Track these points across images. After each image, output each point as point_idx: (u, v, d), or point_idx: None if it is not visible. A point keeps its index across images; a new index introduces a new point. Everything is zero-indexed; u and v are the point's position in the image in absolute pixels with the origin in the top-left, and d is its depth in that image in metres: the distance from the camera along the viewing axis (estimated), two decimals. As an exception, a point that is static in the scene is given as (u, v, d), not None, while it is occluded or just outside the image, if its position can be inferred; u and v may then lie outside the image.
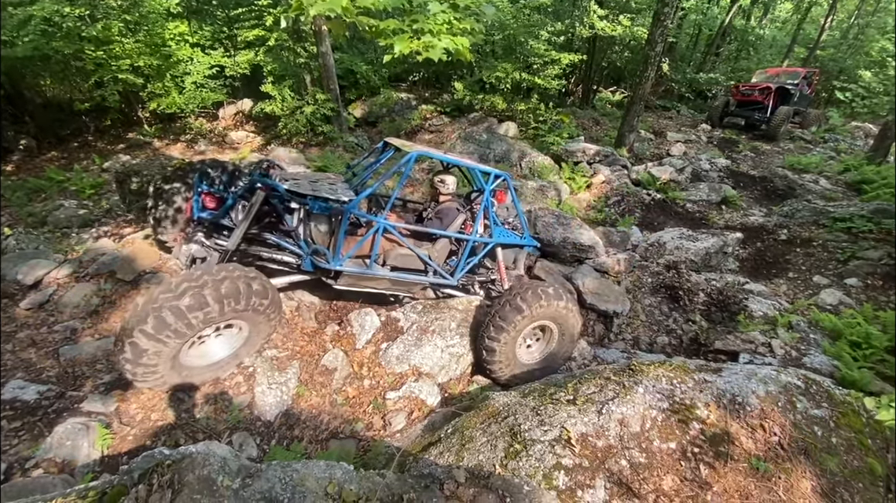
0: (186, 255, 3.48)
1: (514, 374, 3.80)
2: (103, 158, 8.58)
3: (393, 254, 3.78)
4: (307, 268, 3.52)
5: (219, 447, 1.44)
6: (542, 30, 9.67)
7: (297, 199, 3.44)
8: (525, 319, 3.60)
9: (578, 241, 5.21)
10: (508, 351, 3.69)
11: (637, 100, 9.32)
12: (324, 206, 3.51)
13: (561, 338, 3.92)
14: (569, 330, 3.88)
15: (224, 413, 3.14)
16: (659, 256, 5.73)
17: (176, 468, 1.31)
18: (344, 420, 3.31)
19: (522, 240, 4.37)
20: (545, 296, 3.67)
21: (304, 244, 3.50)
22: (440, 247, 4.00)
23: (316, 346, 3.82)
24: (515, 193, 4.39)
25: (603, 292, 4.84)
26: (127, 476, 1.36)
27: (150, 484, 1.29)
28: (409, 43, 2.74)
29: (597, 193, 7.93)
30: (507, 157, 8.26)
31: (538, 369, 3.90)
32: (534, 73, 9.90)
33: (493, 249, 4.16)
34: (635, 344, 4.68)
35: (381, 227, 3.54)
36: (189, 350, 3.02)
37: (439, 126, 10.55)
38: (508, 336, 3.60)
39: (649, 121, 13.04)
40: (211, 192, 3.63)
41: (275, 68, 10.22)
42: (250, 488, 1.31)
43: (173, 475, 1.29)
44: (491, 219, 4.06)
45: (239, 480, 1.33)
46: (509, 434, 2.53)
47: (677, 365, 2.85)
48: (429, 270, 3.89)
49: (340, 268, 3.47)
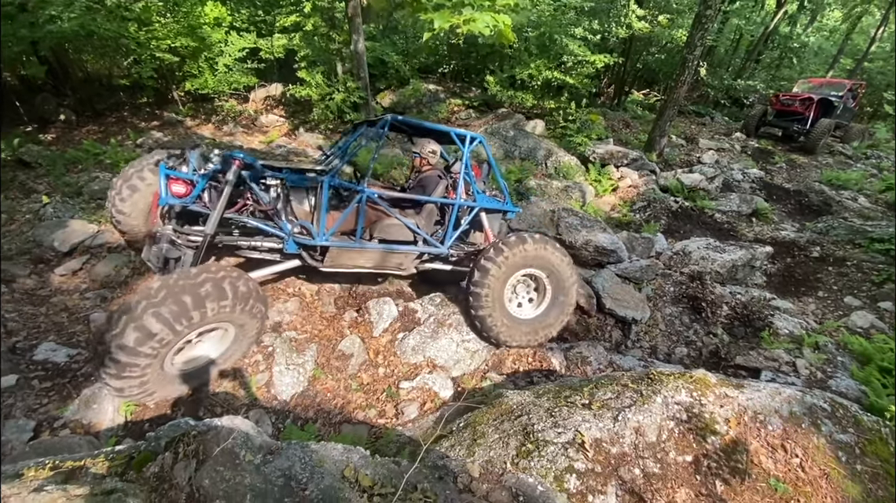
0: (157, 257, 3.12)
1: (507, 332, 3.79)
2: (137, 134, 8.81)
3: (380, 226, 3.69)
4: (291, 249, 3.37)
5: (242, 422, 1.48)
6: (577, 28, 9.49)
7: (273, 174, 3.32)
8: (507, 262, 3.60)
9: (601, 244, 5.13)
10: (497, 302, 3.69)
11: (670, 104, 9.09)
12: (302, 178, 3.40)
13: (556, 293, 3.92)
14: (562, 282, 3.87)
15: (242, 389, 3.22)
16: (683, 266, 5.60)
17: (201, 439, 1.34)
18: (357, 405, 3.35)
19: (504, 205, 4.27)
20: (529, 240, 3.68)
21: (285, 224, 3.35)
22: (426, 214, 3.95)
23: (334, 331, 3.88)
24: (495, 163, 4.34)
25: (623, 298, 4.77)
26: (154, 443, 1.40)
27: (176, 452, 1.33)
28: (449, 17, 2.68)
29: (622, 197, 7.79)
30: (533, 154, 8.17)
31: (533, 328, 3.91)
32: (566, 71, 9.75)
33: (477, 215, 4.07)
34: (653, 353, 4.61)
35: (364, 195, 3.43)
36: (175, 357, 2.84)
37: (466, 120, 10.49)
38: (494, 278, 3.60)
39: (681, 126, 12.71)
40: (179, 177, 3.26)
41: (308, 54, 10.30)
42: (271, 465, 1.34)
43: (198, 446, 1.33)
44: (472, 183, 3.96)
45: (260, 456, 1.36)
46: (522, 433, 2.52)
47: (698, 377, 2.79)
48: (417, 240, 3.81)
49: (326, 244, 3.35)
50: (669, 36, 11.42)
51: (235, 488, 1.25)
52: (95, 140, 8.27)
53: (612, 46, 12.58)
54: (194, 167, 3.27)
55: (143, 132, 8.96)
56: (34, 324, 3.77)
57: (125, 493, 1.24)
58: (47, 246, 4.70)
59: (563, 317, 4.04)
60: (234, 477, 1.27)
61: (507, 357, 4.00)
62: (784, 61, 19.30)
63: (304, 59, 10.40)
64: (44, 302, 4.01)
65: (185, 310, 2.55)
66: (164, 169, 3.24)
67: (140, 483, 1.28)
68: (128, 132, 8.90)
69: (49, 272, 4.39)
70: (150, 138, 8.47)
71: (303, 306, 3.99)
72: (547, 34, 9.58)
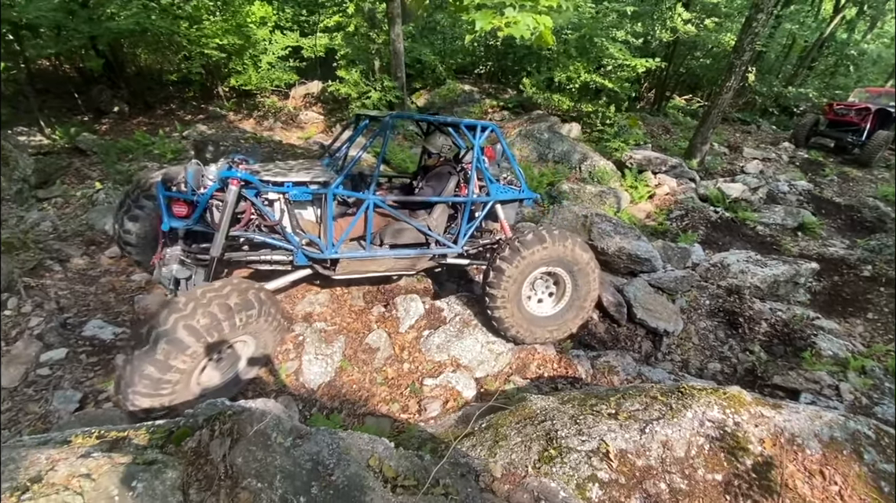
0: (168, 278, 3.08)
1: (526, 330, 3.68)
2: (184, 126, 9.22)
3: (389, 231, 3.58)
4: (301, 262, 3.31)
5: (274, 405, 1.53)
6: (619, 31, 9.29)
7: (274, 189, 3.20)
8: (524, 262, 3.44)
9: (634, 252, 5.01)
10: (513, 301, 3.56)
11: (714, 110, 8.77)
12: (305, 192, 3.25)
13: (576, 289, 3.76)
14: (583, 279, 3.72)
15: (272, 376, 3.32)
16: (721, 278, 5.39)
17: (236, 419, 1.40)
18: (381, 399, 3.40)
19: (521, 193, 4.07)
20: (547, 239, 3.47)
21: (293, 236, 3.25)
22: (437, 214, 3.80)
23: (362, 325, 3.95)
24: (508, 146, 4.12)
25: (655, 308, 4.64)
26: (192, 419, 1.47)
27: (213, 430, 1.39)
28: (491, 19, 2.66)
29: (659, 205, 7.57)
30: (568, 158, 8.06)
31: (553, 325, 3.79)
32: (605, 75, 9.56)
33: (493, 208, 3.90)
34: (684, 366, 4.46)
35: (370, 203, 3.31)
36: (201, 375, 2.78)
37: (500, 121, 10.46)
38: (510, 279, 3.45)
39: (725, 134, 12.24)
40: (178, 198, 3.16)
41: (348, 53, 10.52)
42: (300, 448, 1.38)
43: (233, 425, 1.39)
44: (485, 175, 3.79)
45: (290, 439, 1.40)
46: (545, 438, 2.50)
47: (732, 394, 2.69)
48: (430, 242, 3.70)
49: (335, 256, 3.28)
50: (716, 40, 11.00)
51: (266, 468, 1.30)
52: (145, 131, 8.72)
53: (655, 50, 12.25)
54: (192, 187, 3.15)
55: (189, 125, 9.37)
56: (84, 303, 4.01)
57: (164, 465, 1.31)
58: (99, 229, 4.99)
59: (583, 314, 3.94)
60: (265, 457, 1.32)
61: (531, 361, 3.97)
62: (840, 69, 18.26)
63: (344, 57, 10.62)
64: (93, 282, 4.26)
65: (217, 322, 2.51)
66: (161, 191, 3.13)
67: (178, 456, 1.35)
68: (175, 124, 9.32)
69: (99, 254, 4.66)
70: (196, 131, 8.84)
71: (333, 299, 4.08)
72: (587, 37, 9.43)
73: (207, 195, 3.08)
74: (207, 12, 8.86)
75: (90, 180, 6.68)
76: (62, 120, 9.03)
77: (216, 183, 3.07)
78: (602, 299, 4.63)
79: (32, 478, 1.29)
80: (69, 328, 3.70)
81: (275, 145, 8.47)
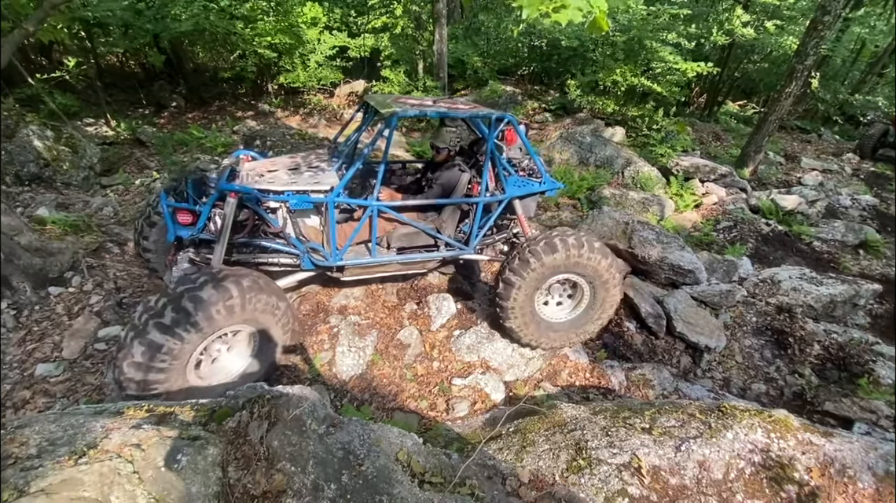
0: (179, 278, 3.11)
1: (541, 337, 3.56)
2: (235, 122, 9.65)
3: (396, 234, 3.48)
4: (307, 266, 3.30)
5: (311, 393, 1.58)
6: (670, 33, 8.95)
7: (274, 198, 3.13)
8: (535, 274, 3.27)
9: (677, 263, 4.82)
10: (525, 311, 3.41)
11: (771, 116, 8.29)
12: (305, 200, 3.15)
13: (595, 296, 3.58)
14: (602, 285, 3.51)
15: (306, 364, 3.42)
16: (770, 295, 5.10)
17: (274, 403, 1.46)
18: (410, 395, 3.43)
19: (542, 185, 3.80)
20: (560, 248, 3.26)
21: (298, 242, 3.23)
22: (447, 216, 3.63)
23: (394, 320, 4.00)
24: (526, 137, 3.82)
25: (696, 322, 4.44)
26: (233, 401, 1.54)
27: (252, 412, 1.45)
28: (539, 5, 2.52)
29: (705, 215, 7.24)
30: (611, 162, 7.85)
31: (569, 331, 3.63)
32: (654, 78, 9.24)
33: (509, 204, 3.68)
34: (726, 385, 4.25)
35: (374, 209, 3.21)
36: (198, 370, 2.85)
37: (541, 123, 10.32)
38: (520, 291, 3.30)
39: (782, 142, 11.56)
40: (182, 207, 3.20)
41: (392, 53, 10.69)
42: (333, 436, 1.42)
43: (271, 409, 1.44)
44: (500, 170, 3.56)
45: (324, 427, 1.45)
46: (574, 447, 2.44)
47: (778, 418, 2.53)
48: (439, 244, 3.58)
49: (340, 264, 3.25)
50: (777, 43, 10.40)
51: (300, 453, 1.34)
52: (200, 125, 9.19)
53: (708, 53, 11.73)
54: (193, 198, 3.19)
55: (240, 120, 9.80)
56: (139, 284, 4.27)
57: (207, 442, 1.38)
58: (155, 216, 5.29)
59: (600, 321, 3.79)
60: (300, 442, 1.36)
61: (563, 369, 3.90)
62: (915, 76, 16.82)
63: (389, 58, 10.80)
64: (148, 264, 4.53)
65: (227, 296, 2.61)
66: (164, 200, 3.16)
67: (219, 434, 1.42)
68: (227, 120, 9.78)
69: (154, 239, 4.95)
70: (245, 126, 9.24)
71: (367, 293, 4.16)
72: (636, 39, 9.15)
73: (209, 205, 3.12)
74: (262, 13, 9.23)
75: (148, 170, 7.12)
76: (126, 113, 9.66)
77: (216, 194, 3.09)
78: (640, 309, 4.49)
79: (88, 444, 1.39)
80: (124, 307, 3.96)
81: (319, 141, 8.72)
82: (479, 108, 3.58)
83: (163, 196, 3.20)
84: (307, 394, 1.54)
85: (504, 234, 4.02)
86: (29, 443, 1.45)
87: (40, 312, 3.75)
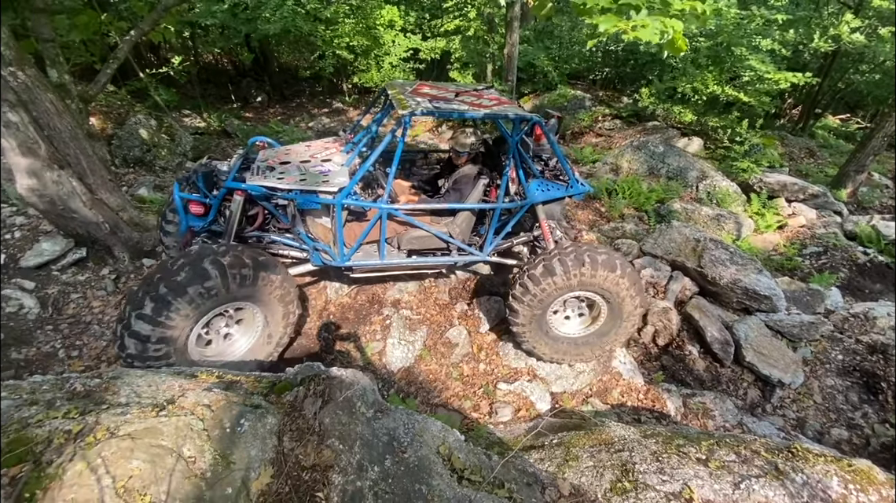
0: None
1: (554, 351, 3.44)
2: (310, 118, 10.23)
3: (407, 237, 3.38)
4: (317, 263, 3.26)
5: (362, 377, 1.66)
6: (764, 39, 8.26)
7: (282, 196, 3.08)
8: (546, 292, 3.11)
9: (752, 287, 4.44)
10: (535, 324, 3.27)
11: (879, 133, 7.40)
12: (313, 200, 3.06)
13: (612, 316, 3.38)
14: (620, 306, 3.30)
15: (358, 352, 3.56)
16: (862, 332, 4.56)
17: (328, 383, 1.55)
18: (454, 394, 3.46)
19: (569, 189, 3.58)
20: (572, 266, 3.06)
21: (307, 238, 3.20)
22: (461, 220, 3.45)
23: (444, 318, 4.05)
24: (556, 141, 3.57)
25: (770, 354, 4.08)
26: (292, 377, 1.65)
27: (308, 389, 1.55)
28: (616, 22, 2.47)
29: (790, 237, 6.62)
30: (684, 174, 7.40)
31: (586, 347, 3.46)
32: (740, 87, 8.58)
33: (531, 210, 3.50)
34: (799, 426, 3.87)
35: (383, 213, 3.10)
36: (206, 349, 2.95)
37: (610, 130, 9.95)
38: (529, 310, 3.17)
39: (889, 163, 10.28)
40: (193, 199, 3.21)
41: (462, 56, 10.81)
42: (380, 422, 1.48)
43: (325, 388, 1.53)
44: (520, 175, 3.37)
45: (372, 411, 1.51)
46: (620, 468, 2.34)
47: (860, 468, 2.27)
48: (452, 249, 3.46)
49: (348, 264, 3.21)
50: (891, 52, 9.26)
51: (349, 433, 1.41)
52: (279, 120, 9.85)
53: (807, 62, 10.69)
54: (203, 191, 3.20)
55: (315, 117, 10.38)
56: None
57: (266, 411, 1.49)
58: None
59: (618, 341, 3.59)
60: (349, 422, 1.43)
61: (614, 387, 3.74)
62: None
63: (458, 60, 10.92)
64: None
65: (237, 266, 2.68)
66: (177, 191, 3.15)
67: (277, 406, 1.53)
68: (304, 115, 10.40)
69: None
70: (320, 123, 9.78)
71: (421, 289, 4.24)
72: (723, 45, 8.55)
73: (219, 198, 3.13)
74: (344, 15, 9.72)
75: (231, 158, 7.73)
76: (216, 106, 10.58)
77: (224, 189, 3.09)
78: (705, 333, 4.21)
79: (168, 400, 1.56)
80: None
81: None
82: (505, 105, 3.38)
83: (176, 187, 3.20)
84: (359, 379, 1.62)
85: (523, 238, 3.86)
86: (120, 392, 1.65)
87: (135, 280, 4.21)
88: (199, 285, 2.59)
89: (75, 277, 4.06)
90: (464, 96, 3.41)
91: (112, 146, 6.39)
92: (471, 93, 3.57)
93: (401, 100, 3.14)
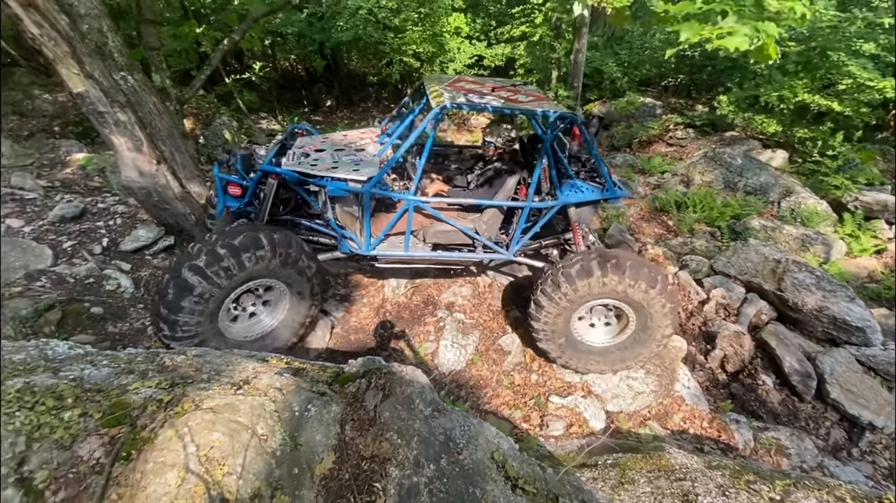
0: None
1: (575, 360, 3.35)
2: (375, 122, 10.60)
3: (433, 230, 3.35)
4: (344, 250, 3.31)
5: (421, 375, 1.69)
6: (867, 43, 7.46)
7: (314, 182, 3.14)
8: (567, 298, 3.02)
9: (842, 316, 4.02)
10: (558, 333, 3.20)
11: None
12: (342, 188, 3.12)
13: (641, 326, 3.21)
14: (649, 316, 3.13)
15: (412, 351, 3.63)
16: (978, 377, 3.97)
17: (389, 378, 1.60)
18: (504, 402, 3.43)
19: (604, 192, 3.46)
20: (596, 272, 2.94)
21: (336, 225, 3.27)
22: (488, 217, 3.40)
23: (497, 325, 4.03)
24: (594, 142, 3.42)
25: (860, 392, 3.66)
26: (355, 369, 1.72)
27: (370, 381, 1.61)
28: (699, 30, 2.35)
29: (889, 264, 5.91)
30: (765, 190, 6.85)
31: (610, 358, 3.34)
32: (835, 95, 7.80)
33: (562, 210, 3.42)
34: (891, 475, 3.43)
35: (410, 206, 3.12)
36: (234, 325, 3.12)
37: (682, 140, 9.42)
38: (552, 317, 3.10)
39: None
40: (232, 180, 3.35)
41: (527, 62, 10.73)
42: (436, 420, 1.50)
43: (386, 382, 1.58)
44: (552, 175, 3.26)
45: (430, 409, 1.54)
46: (681, 498, 2.20)
47: (971, 533, 1.98)
48: (477, 245, 3.41)
49: (373, 254, 3.24)
50: None
51: (407, 428, 1.45)
52: (346, 123, 10.30)
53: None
54: (241, 173, 3.30)
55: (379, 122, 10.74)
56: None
57: (331, 399, 1.57)
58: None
59: (647, 353, 3.37)
60: (408, 418, 1.47)
61: (675, 411, 3.53)
62: None
63: (522, 66, 10.85)
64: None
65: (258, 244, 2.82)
66: (217, 173, 3.29)
67: (341, 395, 1.60)
68: (369, 120, 10.79)
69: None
70: (384, 126, 10.09)
71: (475, 294, 4.25)
72: (818, 49, 7.83)
73: (255, 181, 3.26)
74: (412, 23, 10.00)
75: (302, 159, 8.19)
76: (290, 110, 11.26)
77: (259, 173, 3.22)
78: (782, 363, 3.86)
79: (244, 380, 1.68)
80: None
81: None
82: (543, 101, 3.30)
83: (216, 168, 3.39)
84: (418, 376, 1.65)
85: (552, 240, 3.76)
86: (202, 369, 1.80)
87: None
88: (252, 252, 2.78)
89: (164, 262, 4.48)
90: (500, 91, 3.42)
91: (199, 145, 7.01)
92: (508, 88, 3.57)
93: (435, 93, 3.21)
